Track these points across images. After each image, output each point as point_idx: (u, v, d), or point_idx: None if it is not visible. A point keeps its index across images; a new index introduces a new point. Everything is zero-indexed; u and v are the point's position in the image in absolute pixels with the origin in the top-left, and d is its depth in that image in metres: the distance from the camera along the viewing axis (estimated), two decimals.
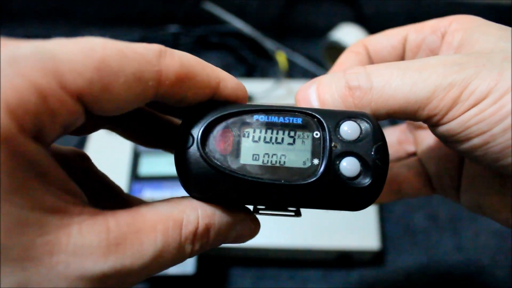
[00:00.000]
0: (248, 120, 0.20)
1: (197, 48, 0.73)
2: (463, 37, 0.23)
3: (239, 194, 0.20)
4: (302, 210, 0.22)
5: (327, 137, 0.20)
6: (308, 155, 0.20)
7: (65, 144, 0.60)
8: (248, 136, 0.20)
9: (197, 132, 0.19)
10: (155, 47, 0.18)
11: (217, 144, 0.20)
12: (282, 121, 0.20)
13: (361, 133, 0.20)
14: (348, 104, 0.22)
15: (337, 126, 0.20)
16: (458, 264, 0.53)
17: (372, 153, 0.20)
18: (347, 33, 0.64)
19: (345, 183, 0.19)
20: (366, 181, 0.20)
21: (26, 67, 0.15)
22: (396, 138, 0.33)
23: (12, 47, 0.16)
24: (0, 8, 0.79)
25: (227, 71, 0.21)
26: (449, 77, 0.20)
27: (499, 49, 0.20)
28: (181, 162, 0.20)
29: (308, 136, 0.20)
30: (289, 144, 0.20)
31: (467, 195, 0.28)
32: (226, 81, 0.20)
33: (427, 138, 0.30)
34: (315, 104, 0.22)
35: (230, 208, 0.21)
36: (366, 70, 0.22)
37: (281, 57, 0.63)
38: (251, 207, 0.22)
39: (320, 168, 0.19)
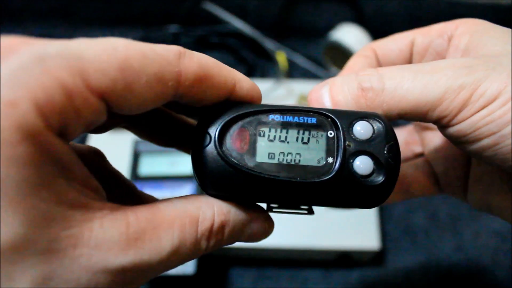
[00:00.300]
0: (264, 120, 0.21)
1: (197, 48, 0.73)
2: (470, 40, 0.24)
3: (255, 191, 0.20)
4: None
5: (341, 136, 0.20)
6: (323, 154, 0.20)
7: None
8: (264, 135, 0.20)
9: (214, 131, 0.20)
10: (175, 48, 0.19)
11: (233, 142, 0.20)
12: (297, 120, 0.21)
13: (373, 132, 0.21)
14: (361, 105, 0.22)
15: (351, 125, 0.21)
16: (458, 264, 0.53)
17: (385, 152, 0.20)
18: (347, 33, 0.64)
19: (358, 181, 0.20)
20: (379, 179, 0.20)
21: (53, 66, 0.15)
22: (403, 139, 0.33)
23: (40, 46, 0.16)
24: (0, 8, 0.79)
25: None
26: (459, 79, 0.20)
27: (507, 52, 0.21)
28: (199, 161, 0.20)
29: (322, 136, 0.21)
30: (303, 143, 0.20)
31: (475, 194, 0.28)
32: (241, 82, 0.21)
33: (434, 139, 0.31)
34: (328, 105, 0.23)
35: (245, 206, 0.21)
36: (378, 72, 0.22)
37: (281, 57, 0.63)
38: (264, 206, 0.23)
39: (334, 166, 0.20)
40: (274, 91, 0.60)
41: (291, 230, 0.50)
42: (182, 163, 0.52)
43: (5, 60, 0.15)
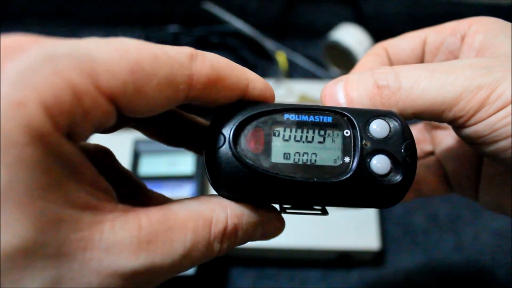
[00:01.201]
0: (278, 119, 0.20)
1: (197, 48, 0.73)
2: (485, 39, 0.23)
3: (270, 192, 0.20)
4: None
5: (358, 135, 0.20)
6: (339, 153, 0.20)
7: None
8: (279, 135, 0.20)
9: (228, 131, 0.20)
10: (187, 50, 0.18)
11: (248, 143, 0.20)
12: (313, 119, 0.20)
13: (390, 131, 0.20)
14: (376, 102, 0.22)
15: (367, 124, 0.20)
16: (458, 264, 0.53)
17: (402, 150, 0.20)
18: (347, 33, 0.64)
19: (376, 180, 0.20)
20: (397, 178, 0.20)
21: (62, 66, 0.15)
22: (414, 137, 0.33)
23: (50, 45, 0.16)
24: (0, 8, 0.79)
25: None
26: (476, 79, 0.20)
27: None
28: (212, 162, 0.20)
29: (338, 135, 0.20)
30: (319, 142, 0.20)
31: (486, 194, 0.28)
32: (254, 82, 0.21)
33: (445, 138, 0.30)
34: (342, 101, 0.22)
35: (258, 207, 0.21)
36: (394, 70, 0.22)
37: (281, 57, 0.63)
38: (277, 206, 0.22)
39: (352, 166, 0.20)
40: (274, 91, 0.60)
41: (291, 230, 0.50)
42: (182, 163, 0.52)
43: (14, 59, 0.15)
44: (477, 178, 0.28)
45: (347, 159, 0.20)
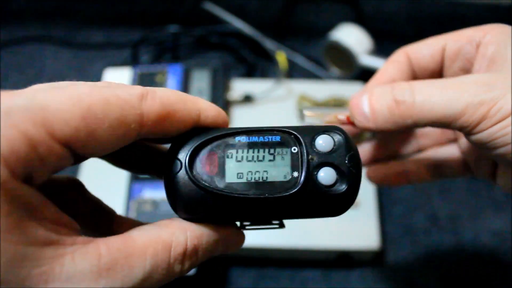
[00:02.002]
0: (230, 142, 0.22)
1: (197, 48, 0.73)
2: (496, 50, 0.26)
3: (227, 211, 0.21)
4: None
5: (304, 151, 0.21)
6: (288, 169, 0.21)
7: None
8: (231, 157, 0.21)
9: (184, 157, 0.21)
10: (137, 91, 0.20)
11: (203, 166, 0.21)
12: (262, 140, 0.22)
13: (334, 144, 0.22)
14: (394, 114, 0.26)
15: (313, 140, 0.22)
16: (458, 264, 0.53)
17: (346, 161, 0.22)
18: (347, 33, 0.64)
19: (323, 191, 0.21)
20: (343, 187, 0.21)
21: (18, 119, 0.17)
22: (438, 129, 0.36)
23: (7, 99, 0.17)
24: (0, 8, 0.79)
25: (227, 71, 0.22)
26: (479, 96, 0.23)
27: None
28: (171, 186, 0.21)
29: (287, 152, 0.22)
30: (270, 160, 0.21)
31: (503, 179, 0.30)
32: (206, 111, 0.22)
33: None
34: (366, 110, 0.26)
35: (218, 225, 0.22)
36: (411, 86, 0.25)
37: (281, 57, 0.63)
38: (238, 223, 0.24)
39: (300, 180, 0.21)
40: (274, 91, 0.60)
41: (291, 230, 0.50)
42: None
43: None
44: (494, 166, 0.31)
45: (295, 174, 0.21)
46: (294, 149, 0.22)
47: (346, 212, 0.22)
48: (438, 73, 0.31)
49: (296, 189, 0.21)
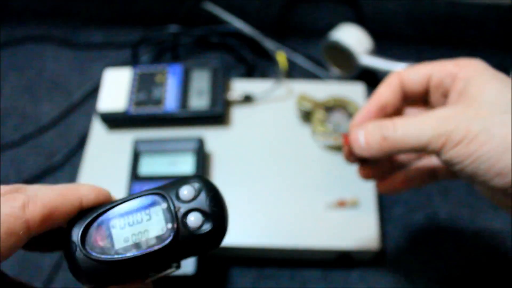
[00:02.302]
0: (112, 216, 0.25)
1: (197, 48, 0.73)
2: (464, 86, 0.32)
3: (124, 272, 0.25)
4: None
5: (171, 204, 0.25)
6: (163, 223, 0.25)
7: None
8: (116, 227, 0.25)
9: (76, 238, 0.24)
10: (19, 203, 0.22)
11: (95, 241, 0.25)
12: (138, 205, 0.25)
13: (195, 191, 0.25)
14: (382, 147, 0.33)
15: (177, 193, 0.25)
16: (458, 264, 0.53)
17: (208, 203, 0.25)
18: (347, 33, 0.64)
19: (194, 233, 0.25)
20: (209, 226, 0.25)
21: None
22: None
23: None
24: (0, 8, 0.79)
25: (227, 71, 0.22)
26: (439, 129, 0.30)
27: (483, 105, 0.30)
28: (71, 264, 0.25)
29: (159, 209, 0.25)
30: (147, 220, 0.25)
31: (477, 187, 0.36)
32: (87, 196, 0.25)
33: None
34: (362, 144, 0.34)
35: (124, 284, 0.25)
36: (394, 124, 0.32)
37: (281, 57, 0.63)
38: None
39: (173, 229, 0.25)
40: (274, 91, 0.60)
41: (291, 230, 0.50)
42: (182, 163, 0.52)
43: None
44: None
45: (169, 225, 0.25)
46: (164, 205, 0.25)
47: (220, 244, 0.26)
48: (425, 96, 0.36)
49: (171, 238, 0.24)
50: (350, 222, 0.50)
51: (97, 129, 0.58)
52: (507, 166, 0.28)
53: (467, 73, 0.32)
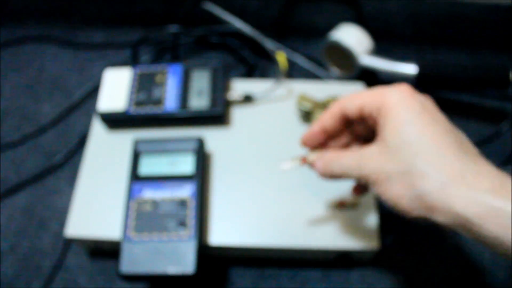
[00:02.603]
0: None
1: (197, 48, 0.73)
2: (383, 124, 0.35)
3: None
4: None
5: None
6: None
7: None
8: None
9: None
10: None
11: None
12: None
13: None
14: (327, 172, 0.39)
15: None
16: (458, 264, 0.53)
17: None
18: (347, 33, 0.64)
19: None
20: None
21: None
22: None
23: None
24: (0, 8, 0.79)
25: (227, 71, 0.22)
26: (360, 170, 0.36)
27: (392, 148, 0.33)
28: None
29: None
30: None
31: None
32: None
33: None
34: (318, 168, 0.40)
35: None
36: (331, 160, 0.39)
37: (281, 57, 0.63)
38: None
39: None
40: (274, 91, 0.60)
41: (291, 230, 0.50)
42: (182, 163, 0.52)
43: None
44: None
45: None
46: None
47: None
48: (362, 121, 0.39)
49: None
50: (350, 222, 0.50)
51: (97, 129, 0.58)
52: (404, 209, 0.34)
53: (387, 109, 0.34)
